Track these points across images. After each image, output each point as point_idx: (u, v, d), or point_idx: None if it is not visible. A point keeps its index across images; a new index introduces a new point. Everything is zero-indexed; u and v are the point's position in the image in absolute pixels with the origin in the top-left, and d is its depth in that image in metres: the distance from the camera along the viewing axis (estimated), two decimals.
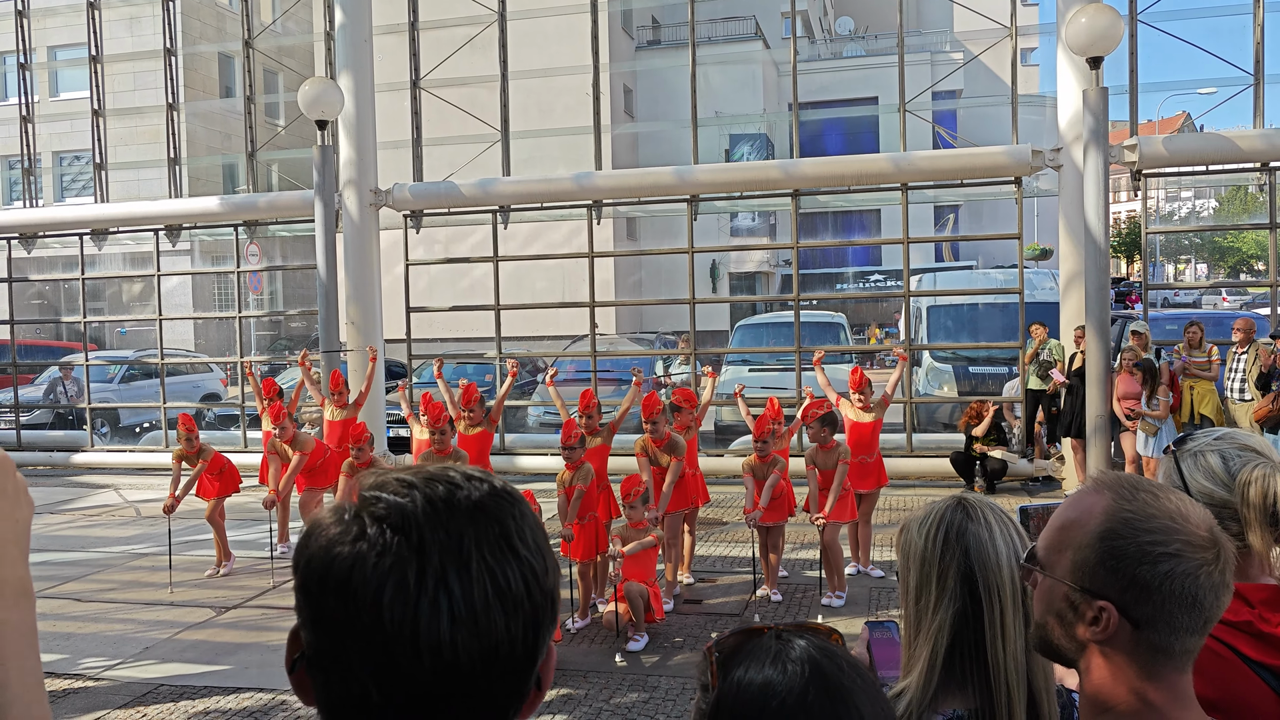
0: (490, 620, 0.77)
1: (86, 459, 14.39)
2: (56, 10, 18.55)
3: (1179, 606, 1.14)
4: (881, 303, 33.22)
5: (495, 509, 0.82)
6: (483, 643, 0.77)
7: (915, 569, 1.49)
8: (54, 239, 15.38)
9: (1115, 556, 1.17)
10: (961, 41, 32.90)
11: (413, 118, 13.33)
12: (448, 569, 0.77)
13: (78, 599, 7.67)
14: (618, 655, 6.09)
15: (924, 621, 1.47)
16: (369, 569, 0.76)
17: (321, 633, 0.79)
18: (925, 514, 1.54)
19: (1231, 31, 12.17)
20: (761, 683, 0.90)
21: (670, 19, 32.72)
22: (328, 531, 0.80)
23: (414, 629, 0.75)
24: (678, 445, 7.23)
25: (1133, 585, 1.15)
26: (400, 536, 0.77)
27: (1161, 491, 1.21)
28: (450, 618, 0.76)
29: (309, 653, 0.81)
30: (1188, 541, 1.15)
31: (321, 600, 0.78)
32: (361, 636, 0.76)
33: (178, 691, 5.71)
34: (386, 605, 0.75)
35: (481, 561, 0.78)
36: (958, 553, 1.45)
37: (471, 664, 0.77)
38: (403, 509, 0.79)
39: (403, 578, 0.76)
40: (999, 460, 10.72)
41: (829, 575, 7.10)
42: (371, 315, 12.52)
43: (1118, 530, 1.18)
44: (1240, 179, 13.06)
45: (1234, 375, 9.95)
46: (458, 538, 0.78)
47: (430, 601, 0.75)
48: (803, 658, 0.91)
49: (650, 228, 27.55)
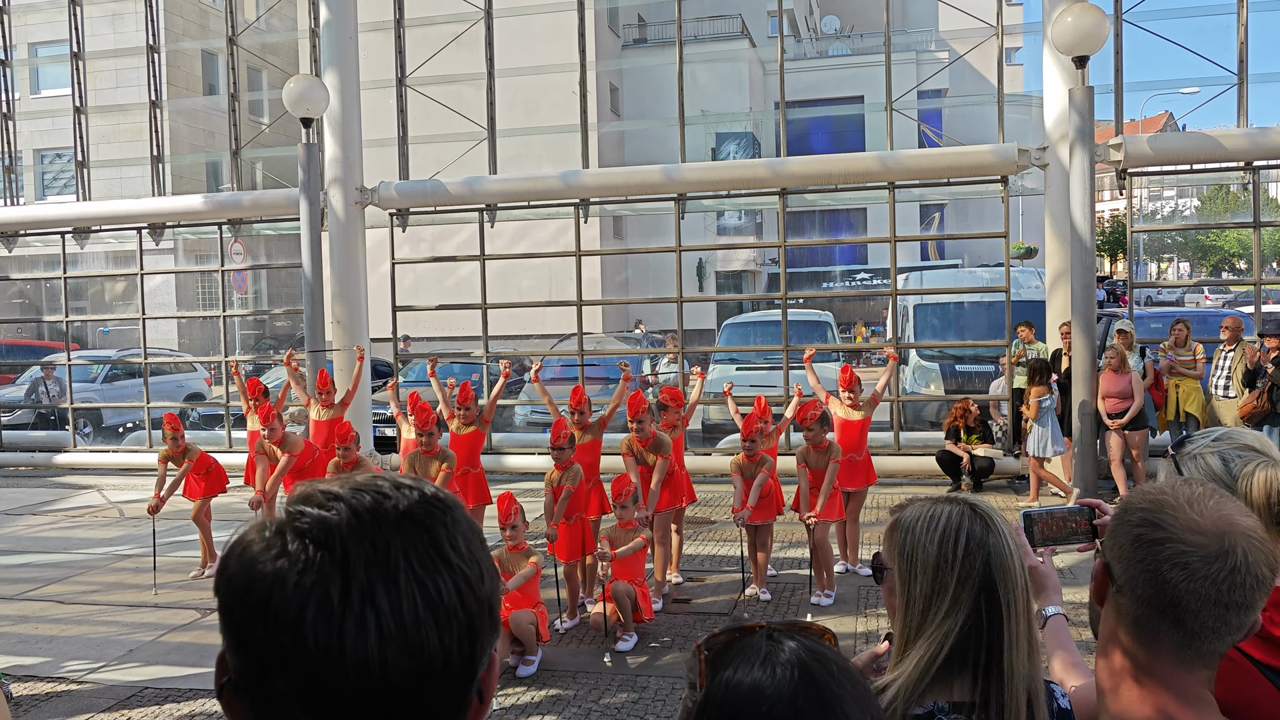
0: (421, 634, 0.73)
1: (69, 459, 14.26)
2: (37, 6, 18.38)
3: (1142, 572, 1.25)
4: (868, 301, 33.30)
5: (424, 517, 0.78)
6: (415, 658, 0.73)
7: (927, 576, 1.47)
8: (35, 237, 15.24)
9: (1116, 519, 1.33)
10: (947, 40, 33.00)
11: (398, 115, 13.26)
12: (374, 583, 0.73)
13: (60, 601, 7.59)
14: (606, 655, 6.07)
15: (928, 626, 1.46)
16: (290, 588, 0.72)
17: (245, 655, 0.75)
18: (929, 518, 1.51)
19: (1215, 31, 12.26)
20: (750, 685, 0.88)
21: (656, 17, 32.70)
22: (249, 550, 0.76)
23: (339, 648, 0.71)
24: (663, 444, 7.22)
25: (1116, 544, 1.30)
26: (323, 551, 0.73)
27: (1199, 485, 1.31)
28: (379, 634, 0.72)
29: (234, 676, 0.77)
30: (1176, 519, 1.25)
31: (243, 622, 0.74)
32: (285, 659, 0.72)
33: (162, 694, 5.66)
34: (309, 625, 0.71)
35: (410, 573, 0.74)
36: (979, 562, 1.45)
37: (404, 681, 0.73)
38: (326, 522, 0.75)
39: (325, 595, 0.72)
40: (986, 458, 10.75)
41: (818, 574, 7.10)
42: (357, 314, 12.46)
43: (1132, 502, 1.33)
44: (1223, 178, 13.13)
45: (1220, 373, 9.99)
46: (384, 549, 0.74)
47: (356, 619, 0.72)
48: (793, 661, 0.90)
49: (637, 226, 27.56)
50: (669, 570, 7.62)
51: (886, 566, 1.55)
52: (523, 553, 6.06)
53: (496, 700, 5.40)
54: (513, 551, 6.06)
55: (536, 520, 8.20)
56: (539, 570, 6.08)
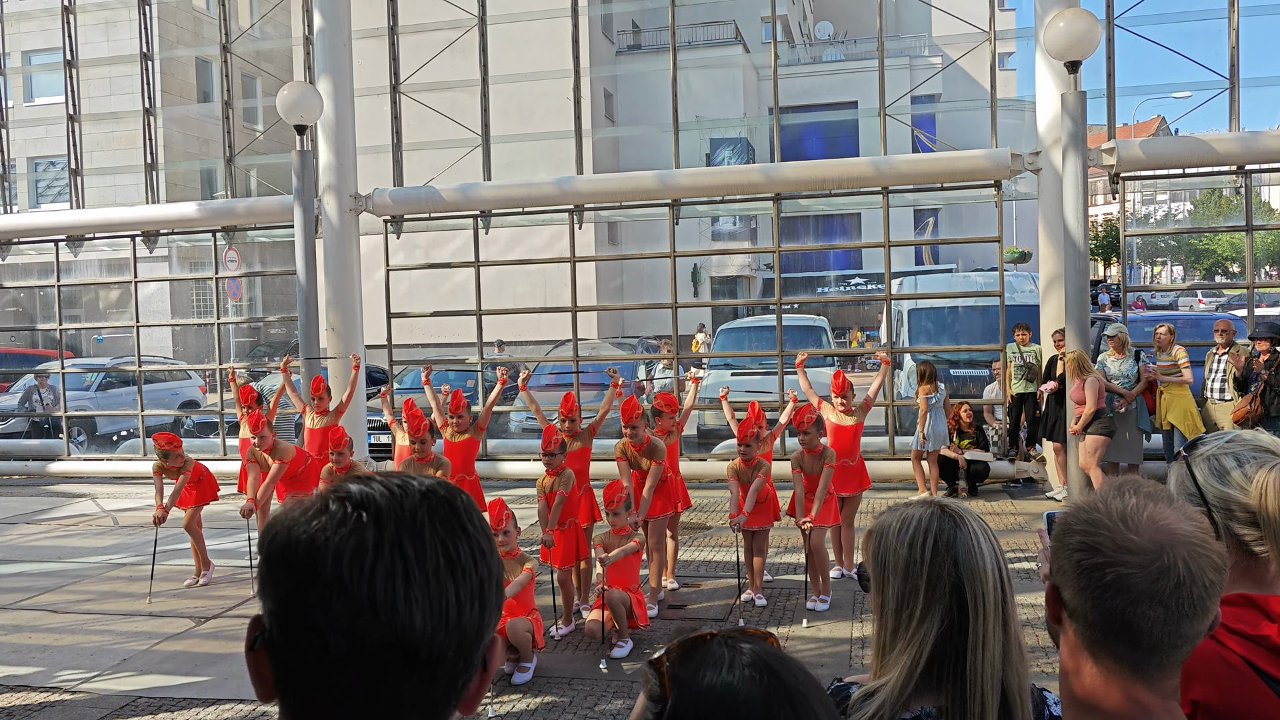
0: (441, 584, 0.84)
1: (63, 468, 14.22)
2: (31, 14, 18.38)
3: (1088, 600, 1.21)
4: (863, 306, 33.35)
5: (446, 493, 0.90)
6: (435, 605, 0.83)
7: (898, 578, 1.47)
8: (29, 245, 15.21)
9: (1057, 541, 1.29)
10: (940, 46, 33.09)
11: (393, 122, 13.26)
12: (402, 535, 0.84)
13: (54, 610, 7.56)
14: (602, 662, 6.05)
15: (904, 630, 1.45)
16: (330, 535, 0.83)
17: (284, 599, 0.84)
18: (902, 522, 1.51)
19: (1206, 35, 12.29)
20: (721, 689, 0.89)
21: (650, 23, 32.77)
22: (291, 514, 0.87)
23: (370, 587, 0.81)
24: (657, 449, 7.21)
25: (1060, 570, 1.26)
26: (360, 511, 0.85)
27: (1133, 495, 1.24)
28: (405, 579, 0.82)
29: (270, 627, 0.86)
30: (1112, 540, 1.21)
31: (285, 574, 0.84)
32: (323, 601, 0.82)
33: (156, 703, 5.64)
34: (346, 565, 0.82)
35: (434, 532, 0.85)
36: (948, 562, 1.44)
37: (424, 624, 0.83)
38: (362, 491, 0.87)
39: (361, 542, 0.83)
40: (981, 462, 10.77)
41: (813, 579, 7.09)
42: (352, 321, 12.45)
43: (1068, 518, 1.28)
44: (1216, 182, 13.18)
45: (1214, 376, 9.96)
46: (412, 512, 0.86)
47: (386, 564, 0.82)
48: (757, 663, 0.91)
49: (631, 232, 27.58)
50: (664, 576, 7.61)
51: (868, 575, 1.55)
52: (516, 559, 6.05)
53: (493, 708, 5.39)
54: (506, 558, 6.05)
55: (531, 527, 8.20)
56: (534, 576, 6.08)
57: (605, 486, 6.59)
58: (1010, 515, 9.71)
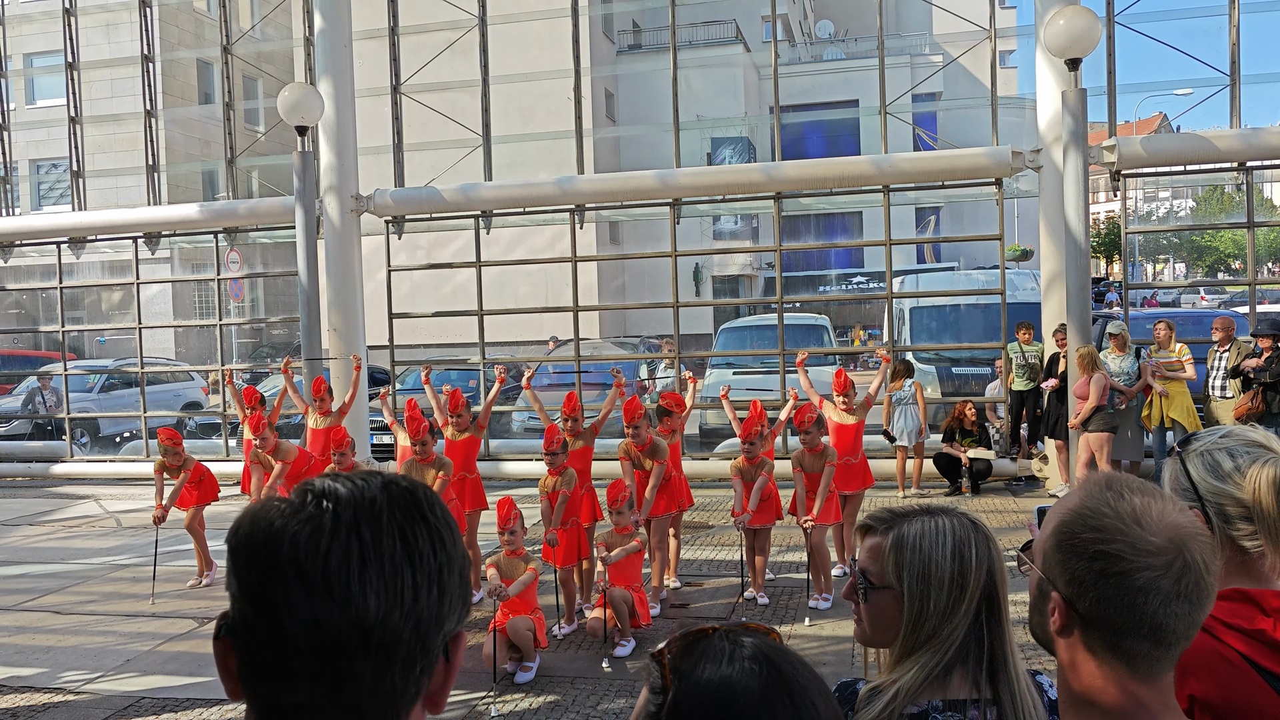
0: (396, 567, 0.85)
1: (66, 469, 14.24)
2: (32, 17, 18.39)
3: (1113, 606, 1.17)
4: (865, 305, 33.34)
5: (409, 486, 0.92)
6: (389, 587, 0.84)
7: (943, 592, 1.48)
8: (31, 247, 15.23)
9: (1062, 549, 1.22)
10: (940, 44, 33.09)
11: (393, 123, 13.27)
12: (360, 520, 0.86)
13: (57, 611, 7.58)
14: (604, 661, 6.06)
15: (938, 637, 1.48)
16: (288, 523, 0.85)
17: (246, 587, 0.86)
18: (936, 533, 1.51)
19: (1207, 32, 12.27)
20: (720, 681, 0.91)
21: (651, 23, 32.76)
22: (256, 508, 0.89)
23: (325, 569, 0.83)
24: (660, 449, 7.22)
25: (1074, 579, 1.20)
26: (319, 500, 0.87)
27: (1129, 491, 1.22)
28: (360, 560, 0.84)
29: (234, 616, 0.88)
30: (1131, 543, 1.17)
31: (250, 563, 0.86)
32: (281, 581, 0.83)
33: (160, 704, 5.65)
34: (303, 549, 0.83)
35: (391, 518, 0.87)
36: (984, 573, 1.50)
37: (378, 606, 0.84)
38: (325, 486, 0.89)
39: (318, 527, 0.85)
40: (984, 461, 10.77)
41: (816, 577, 7.10)
42: (354, 322, 12.46)
43: (1070, 524, 1.23)
44: (1217, 179, 13.17)
45: (1215, 373, 9.95)
46: (371, 499, 0.88)
47: (342, 546, 0.84)
48: (756, 655, 0.93)
49: (633, 232, 27.56)
50: (667, 575, 7.62)
51: (883, 585, 1.53)
52: (521, 558, 6.06)
53: (496, 707, 5.40)
54: (511, 557, 6.06)
55: (534, 526, 8.20)
56: (537, 576, 6.09)
57: (608, 486, 6.59)
58: (1013, 513, 9.71)
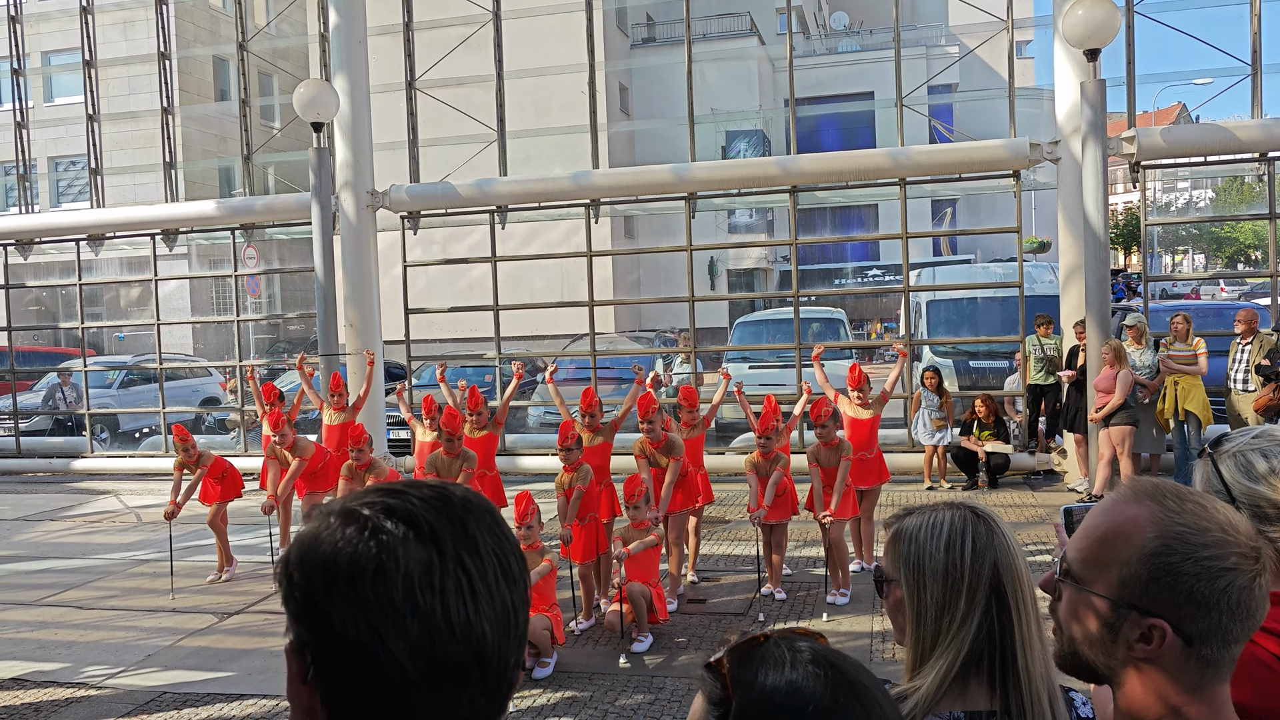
0: (500, 594, 0.86)
1: (86, 465, 14.36)
2: (50, 15, 18.52)
3: (1234, 619, 1.12)
4: (882, 298, 33.18)
5: (481, 501, 0.91)
6: (499, 615, 0.86)
7: (937, 585, 1.45)
8: (50, 245, 15.35)
9: (1171, 573, 1.13)
10: (956, 35, 32.88)
11: (408, 119, 13.29)
12: (461, 552, 0.85)
13: (79, 606, 7.64)
14: (622, 657, 6.06)
15: (945, 636, 1.44)
16: (397, 558, 0.83)
17: (347, 627, 0.82)
18: (931, 525, 1.49)
19: (1228, 22, 12.15)
20: (787, 688, 0.89)
21: (664, 16, 32.67)
22: (334, 535, 0.86)
23: (445, 608, 0.83)
24: (675, 445, 7.19)
25: (1189, 602, 1.12)
26: (413, 529, 0.85)
27: (1206, 500, 1.18)
28: (472, 595, 0.84)
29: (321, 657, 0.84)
30: (1242, 554, 1.13)
31: (350, 595, 0.83)
32: (398, 623, 0.82)
33: (181, 699, 5.69)
34: (418, 588, 0.82)
35: (486, 544, 0.87)
36: (986, 565, 1.44)
37: (492, 634, 0.85)
38: (404, 506, 0.87)
39: (427, 562, 0.83)
40: (1001, 455, 10.71)
41: (833, 573, 7.07)
42: (370, 317, 12.50)
43: (1173, 546, 1.14)
44: (1238, 170, 13.02)
45: (1237, 366, 9.85)
46: (461, 525, 0.87)
47: (454, 582, 0.84)
48: (817, 659, 0.91)
49: (648, 226, 27.53)
50: (686, 570, 7.61)
51: (890, 578, 1.52)
52: (537, 551, 6.07)
53: (513, 703, 5.40)
54: (527, 550, 6.07)
55: (550, 521, 8.21)
56: (554, 569, 6.10)
57: (625, 481, 6.59)
58: (1031, 507, 9.66)
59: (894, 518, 1.58)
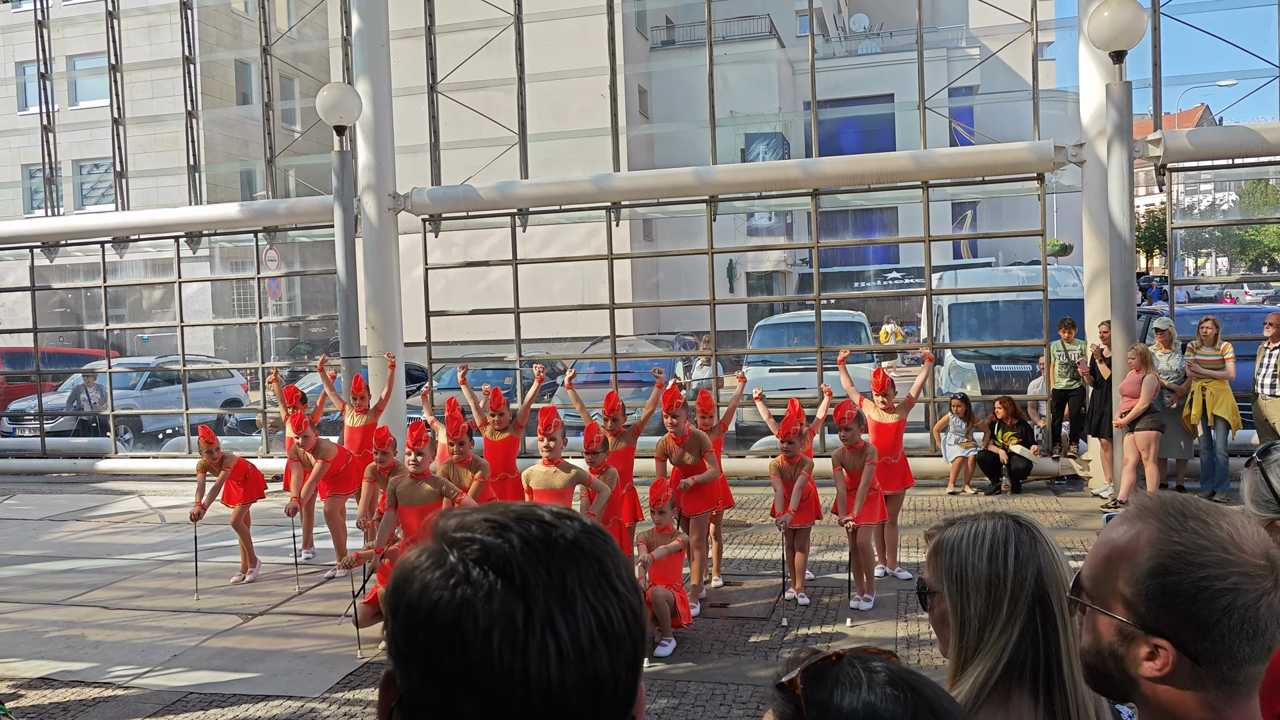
0: (596, 658, 0.78)
1: (110, 466, 14.47)
2: (76, 20, 18.70)
3: (1240, 639, 1.10)
4: (903, 301, 33.05)
5: (592, 547, 0.82)
6: (590, 682, 0.78)
7: (980, 595, 1.44)
8: (76, 247, 15.49)
9: (1169, 593, 1.12)
10: (978, 37, 32.71)
11: (430, 122, 13.34)
12: (553, 610, 0.77)
13: (105, 606, 7.69)
14: (645, 660, 6.04)
15: (985, 644, 1.43)
16: (477, 613, 0.77)
17: (428, 678, 0.78)
18: (974, 535, 1.48)
19: (1255, 23, 12.03)
20: (865, 710, 0.87)
21: (685, 19, 32.69)
22: (424, 575, 0.80)
23: (524, 671, 0.76)
24: (702, 441, 7.16)
25: (1189, 622, 1.11)
26: (503, 579, 0.78)
27: (1211, 516, 1.15)
28: (559, 658, 0.77)
29: (406, 697, 0.81)
30: (1245, 573, 1.10)
31: (428, 646, 0.78)
32: (471, 681, 0.77)
33: (206, 699, 5.72)
34: (496, 649, 0.76)
35: (585, 601, 0.79)
36: (1029, 575, 1.43)
37: (580, 702, 0.78)
38: (500, 550, 0.79)
39: (511, 620, 0.76)
40: (1023, 459, 10.63)
41: (858, 578, 7.03)
42: (391, 319, 12.54)
43: (1169, 566, 1.12)
44: (1263, 172, 12.90)
45: (1265, 371, 9.73)
46: (560, 577, 0.79)
47: (539, 644, 0.76)
48: (894, 680, 0.89)
49: (668, 228, 27.54)
50: (711, 574, 7.59)
51: (934, 590, 1.51)
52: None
53: None
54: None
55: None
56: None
57: (651, 485, 6.58)
58: (1056, 513, 9.58)
59: (935, 529, 1.57)
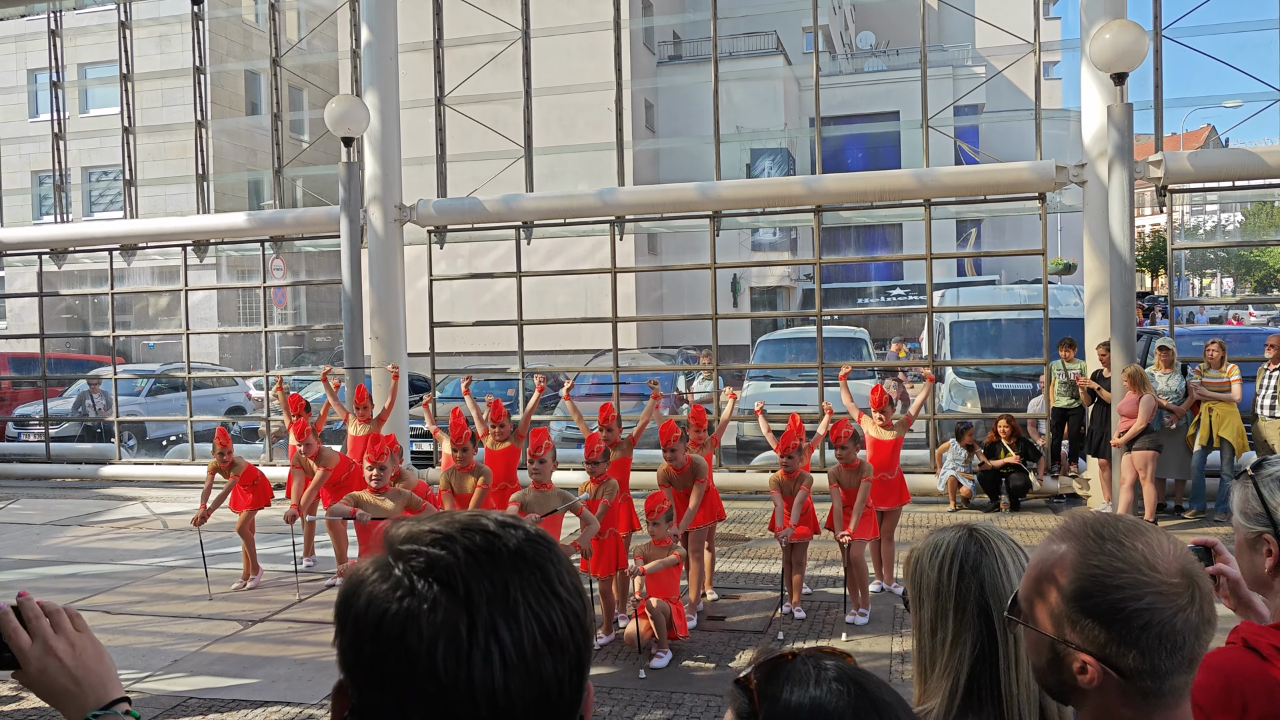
0: (540, 664, 0.80)
1: (114, 471, 14.53)
2: (88, 29, 18.87)
3: (1160, 654, 1.14)
4: (905, 318, 33.08)
5: (534, 555, 0.84)
6: (534, 688, 0.80)
7: (929, 602, 1.50)
8: (84, 254, 15.59)
9: (1090, 614, 1.17)
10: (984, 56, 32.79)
11: (437, 134, 13.45)
12: (496, 619, 0.79)
13: (107, 611, 7.74)
14: (641, 672, 6.09)
15: (940, 656, 1.48)
16: (422, 625, 0.79)
17: (377, 689, 0.80)
18: (934, 545, 1.55)
19: (1258, 46, 12.12)
20: (811, 704, 0.92)
21: (691, 35, 32.84)
22: (371, 588, 0.82)
23: (470, 679, 0.78)
24: (700, 468, 7.22)
25: (1111, 640, 1.16)
26: (447, 590, 0.80)
27: (1128, 538, 1.19)
28: (503, 665, 0.78)
29: (358, 707, 0.83)
30: (1159, 592, 1.15)
31: (375, 657, 0.80)
32: (419, 690, 0.78)
33: (206, 704, 5.76)
34: (441, 659, 0.78)
35: (528, 608, 0.81)
36: (974, 585, 1.47)
37: (525, 709, 0.79)
38: (444, 561, 0.81)
39: (454, 631, 0.78)
40: (1021, 477, 10.66)
41: (853, 593, 7.07)
42: (395, 330, 12.61)
43: (1087, 589, 1.17)
44: (1266, 194, 12.95)
45: (1265, 392, 9.76)
46: (503, 586, 0.81)
47: (483, 652, 0.78)
48: (842, 677, 0.94)
49: (671, 243, 27.59)
50: (704, 587, 7.62)
51: (907, 600, 1.58)
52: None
53: None
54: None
55: (570, 535, 8.24)
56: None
57: (647, 497, 6.63)
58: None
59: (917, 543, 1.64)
